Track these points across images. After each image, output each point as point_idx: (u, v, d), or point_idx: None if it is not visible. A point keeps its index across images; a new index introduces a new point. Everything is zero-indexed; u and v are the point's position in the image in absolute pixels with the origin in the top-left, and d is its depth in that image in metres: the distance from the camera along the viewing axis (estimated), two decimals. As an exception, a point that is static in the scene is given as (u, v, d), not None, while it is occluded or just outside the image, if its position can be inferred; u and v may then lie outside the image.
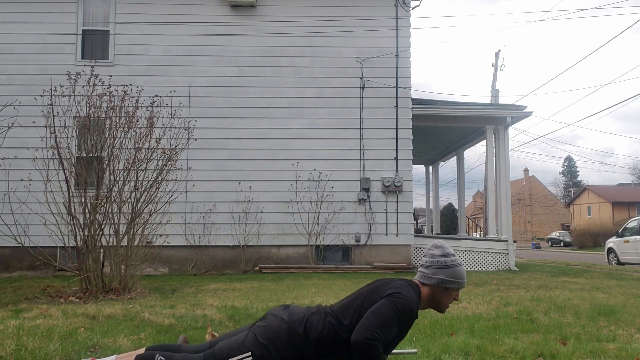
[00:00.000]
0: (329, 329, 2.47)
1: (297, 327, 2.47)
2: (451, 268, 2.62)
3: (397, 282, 2.57)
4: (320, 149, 11.06)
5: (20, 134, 9.02)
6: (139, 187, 7.07)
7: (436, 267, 2.62)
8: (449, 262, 2.63)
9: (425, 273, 2.65)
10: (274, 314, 2.58)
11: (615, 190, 59.20)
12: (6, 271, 10.13)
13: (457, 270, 2.62)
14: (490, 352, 3.50)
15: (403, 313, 2.43)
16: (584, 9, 52.98)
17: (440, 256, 2.64)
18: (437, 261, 2.63)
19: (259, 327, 2.52)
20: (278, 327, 2.47)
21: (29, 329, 4.10)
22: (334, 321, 2.49)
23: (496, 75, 22.89)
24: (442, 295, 2.64)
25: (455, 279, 2.61)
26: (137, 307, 5.36)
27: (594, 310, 5.28)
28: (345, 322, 2.47)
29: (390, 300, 2.43)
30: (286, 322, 2.49)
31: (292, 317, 2.51)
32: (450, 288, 2.63)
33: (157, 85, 9.98)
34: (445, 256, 2.64)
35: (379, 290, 2.53)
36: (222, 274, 10.38)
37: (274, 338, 2.44)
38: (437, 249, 2.68)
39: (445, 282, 2.61)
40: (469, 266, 11.64)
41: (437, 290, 2.63)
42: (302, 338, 2.45)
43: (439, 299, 2.65)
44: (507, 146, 12.65)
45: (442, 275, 2.60)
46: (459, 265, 2.65)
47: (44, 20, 11.02)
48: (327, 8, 11.36)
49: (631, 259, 16.09)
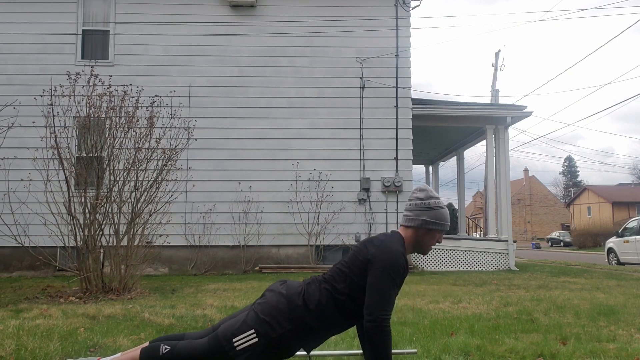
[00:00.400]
0: (326, 295, 2.53)
1: (296, 299, 2.52)
2: (434, 210, 2.63)
3: (379, 238, 2.60)
4: (320, 149, 11.06)
5: (20, 134, 9.02)
6: (139, 187, 7.07)
7: (419, 209, 2.64)
8: (432, 204, 2.64)
9: (409, 216, 2.67)
10: (272, 289, 2.63)
11: (615, 190, 59.20)
12: (6, 271, 10.13)
13: (440, 212, 2.64)
14: (490, 352, 3.50)
15: (396, 273, 2.47)
16: (584, 9, 53.02)
17: (423, 198, 2.66)
18: (420, 203, 2.65)
19: (259, 304, 2.56)
20: (277, 302, 2.52)
21: (29, 329, 4.10)
22: (329, 287, 2.55)
23: (496, 75, 22.90)
24: (425, 237, 2.66)
25: (438, 220, 2.63)
26: (137, 307, 5.36)
27: (594, 310, 5.28)
28: (339, 286, 2.53)
29: (379, 267, 2.45)
30: (285, 296, 2.54)
31: (290, 291, 2.57)
32: (434, 230, 2.64)
33: (157, 85, 9.98)
34: (429, 198, 2.66)
35: (363, 252, 2.55)
36: (222, 274, 10.38)
37: (275, 313, 2.49)
38: (420, 192, 2.70)
39: (428, 223, 2.62)
40: (469, 266, 11.64)
41: (420, 232, 2.65)
42: (302, 309, 2.50)
43: (422, 241, 2.67)
44: (507, 146, 12.65)
45: (425, 216, 2.62)
46: (442, 207, 2.67)
47: (44, 20, 11.02)
48: (327, 8, 11.36)
49: (631, 259, 16.09)
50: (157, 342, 2.64)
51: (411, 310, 5.26)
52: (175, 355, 2.51)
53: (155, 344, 2.60)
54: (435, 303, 5.82)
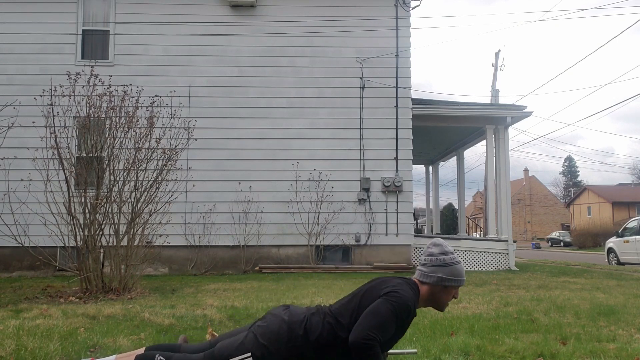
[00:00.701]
0: (328, 330, 2.47)
1: (297, 328, 2.47)
2: (450, 266, 2.60)
3: (395, 281, 2.56)
4: (320, 149, 11.06)
5: (20, 134, 9.02)
6: (139, 187, 7.07)
7: (435, 265, 2.61)
8: (448, 260, 2.61)
9: (424, 271, 2.63)
10: (274, 314, 2.58)
11: (615, 190, 59.20)
12: (6, 271, 10.13)
13: (455, 268, 2.61)
14: (490, 352, 3.50)
15: (400, 312, 2.42)
16: (584, 9, 53.01)
17: (438, 254, 2.63)
18: (435, 259, 2.62)
19: (259, 327, 2.52)
20: (278, 328, 2.47)
21: (29, 329, 4.11)
22: (332, 321, 2.49)
23: (496, 75, 22.90)
24: (442, 293, 2.62)
25: (454, 277, 2.60)
26: (137, 307, 5.36)
27: (594, 310, 5.28)
28: (344, 321, 2.47)
29: (387, 299, 2.42)
30: (286, 323, 2.49)
31: (293, 318, 2.51)
32: (450, 286, 2.61)
33: (157, 85, 9.98)
34: (444, 254, 2.62)
35: (376, 289, 2.52)
36: (222, 274, 10.38)
37: (274, 339, 2.44)
38: (435, 247, 2.66)
39: (444, 280, 2.59)
40: (469, 266, 11.64)
41: (436, 289, 2.61)
42: (302, 339, 2.45)
43: (439, 298, 2.64)
44: (507, 146, 12.65)
45: (440, 273, 2.59)
46: (458, 263, 2.63)
47: (44, 20, 11.01)
48: (327, 8, 11.36)
49: (631, 259, 16.09)
50: (153, 351, 2.62)
51: (411, 310, 5.25)
52: None
53: (151, 353, 2.57)
54: (435, 303, 5.81)
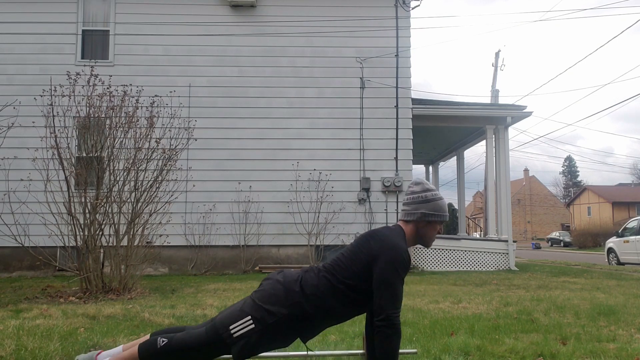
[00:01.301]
0: (325, 283, 2.53)
1: (293, 285, 2.53)
2: (432, 202, 2.64)
3: (381, 233, 2.60)
4: (320, 149, 11.06)
5: (20, 134, 9.02)
6: (139, 187, 7.07)
7: (417, 202, 2.65)
8: (430, 196, 2.65)
9: (407, 210, 2.67)
10: (269, 278, 2.64)
11: (615, 190, 59.21)
12: (6, 271, 10.13)
13: (438, 203, 2.65)
14: (490, 352, 3.50)
15: (401, 267, 2.49)
16: (584, 9, 53.04)
17: (420, 191, 2.67)
18: (417, 196, 2.66)
19: (256, 292, 2.58)
20: (274, 289, 2.53)
21: (29, 329, 4.10)
22: (328, 275, 2.55)
23: (496, 75, 22.90)
24: (426, 229, 2.67)
25: (436, 212, 2.64)
26: (137, 307, 5.36)
27: (594, 310, 5.27)
28: (339, 275, 2.53)
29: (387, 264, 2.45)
30: (282, 283, 2.55)
31: (287, 278, 2.58)
32: (433, 221, 2.65)
33: (157, 85, 9.98)
34: (426, 191, 2.67)
35: (367, 246, 2.55)
36: (222, 274, 10.38)
37: (272, 299, 2.49)
38: (417, 185, 2.71)
39: (427, 215, 2.63)
40: (469, 266, 11.64)
41: (420, 225, 2.66)
42: (299, 294, 2.50)
43: (424, 234, 2.68)
44: (507, 146, 12.65)
45: (423, 209, 2.63)
46: (440, 199, 2.68)
47: (44, 20, 11.02)
48: (327, 8, 11.36)
49: (631, 259, 16.09)
50: (156, 335, 2.63)
51: (411, 310, 5.26)
52: (172, 347, 2.50)
53: (153, 338, 2.59)
54: (435, 303, 5.83)
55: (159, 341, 2.52)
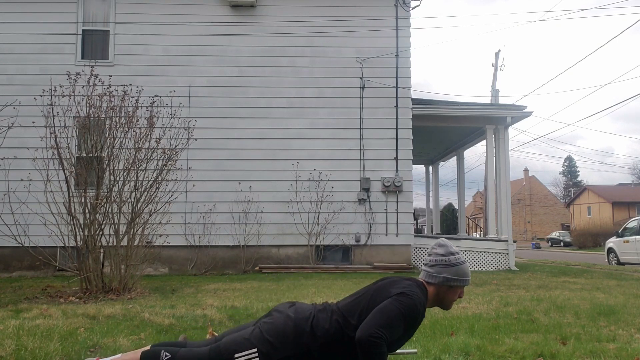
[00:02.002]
0: (336, 327, 2.46)
1: (304, 325, 2.46)
2: (455, 266, 2.62)
3: (405, 282, 2.56)
4: (320, 149, 11.06)
5: (20, 134, 9.02)
6: (139, 187, 7.07)
7: (440, 265, 2.62)
8: (453, 260, 2.63)
9: (430, 272, 2.64)
10: (280, 310, 2.57)
11: (615, 190, 59.20)
12: (6, 271, 10.13)
13: (461, 268, 2.62)
14: (490, 352, 3.50)
15: (409, 313, 2.42)
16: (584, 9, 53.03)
17: (443, 255, 2.64)
18: (441, 260, 2.63)
19: (265, 323, 2.51)
20: (284, 325, 2.47)
21: (29, 329, 4.10)
22: (340, 319, 2.48)
23: (496, 75, 22.89)
24: (447, 293, 2.64)
25: (459, 277, 2.61)
26: (137, 307, 5.36)
27: (594, 310, 5.27)
28: (353, 321, 2.46)
29: (397, 299, 2.42)
30: (292, 320, 2.48)
31: (299, 315, 2.51)
32: (455, 286, 2.63)
33: (157, 85, 9.98)
34: (449, 254, 2.64)
35: (386, 289, 2.52)
36: (222, 274, 10.38)
37: (280, 335, 2.44)
38: (440, 247, 2.68)
39: (449, 280, 2.60)
40: (469, 266, 11.63)
41: (442, 289, 2.63)
42: (308, 336, 2.44)
43: (444, 297, 2.65)
44: (507, 146, 12.65)
45: (446, 273, 2.60)
46: (463, 263, 2.64)
47: (44, 20, 11.01)
48: (327, 8, 11.36)
49: (631, 259, 16.09)
50: (159, 347, 2.62)
51: (411, 310, 5.25)
52: None
53: (156, 349, 2.57)
54: (435, 303, 5.81)
55: (162, 355, 2.50)
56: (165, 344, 2.75)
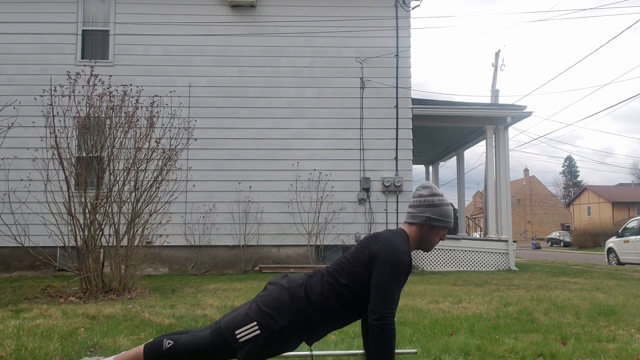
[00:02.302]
0: (328, 288, 2.53)
1: (298, 291, 2.53)
2: (438, 207, 2.63)
3: (383, 235, 2.60)
4: (320, 149, 11.06)
5: (20, 134, 9.02)
6: (139, 187, 7.07)
7: (424, 205, 2.64)
8: (436, 201, 2.64)
9: (413, 212, 2.67)
10: (273, 282, 2.64)
11: (615, 190, 59.20)
12: (6, 271, 10.13)
13: (444, 209, 2.64)
14: (490, 352, 3.50)
15: (401, 271, 2.48)
16: (584, 9, 53.03)
17: (427, 195, 2.66)
18: (424, 200, 2.65)
19: (261, 297, 2.58)
20: (279, 294, 2.53)
21: (29, 329, 4.10)
22: (331, 280, 2.55)
23: (496, 75, 22.87)
24: (429, 234, 2.66)
25: (442, 217, 2.63)
26: (137, 307, 5.36)
27: (594, 310, 5.27)
28: (342, 280, 2.53)
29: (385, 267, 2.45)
30: (287, 289, 2.55)
31: (292, 283, 2.58)
32: (437, 226, 2.64)
33: (157, 85, 9.98)
34: (433, 195, 2.66)
35: (367, 246, 2.56)
36: (222, 274, 10.38)
37: (277, 305, 2.50)
38: (424, 189, 2.70)
39: (432, 220, 2.62)
40: (469, 266, 11.64)
41: (424, 229, 2.65)
42: (304, 300, 2.50)
43: (426, 238, 2.67)
44: (507, 146, 12.65)
45: (429, 213, 2.62)
46: (446, 205, 2.67)
47: (44, 20, 11.01)
48: (327, 8, 11.36)
49: (631, 259, 16.08)
50: (162, 336, 2.65)
51: (411, 310, 5.26)
52: (178, 349, 2.52)
53: (159, 339, 2.61)
54: (435, 303, 5.82)
55: (164, 343, 2.54)
56: (169, 333, 2.78)
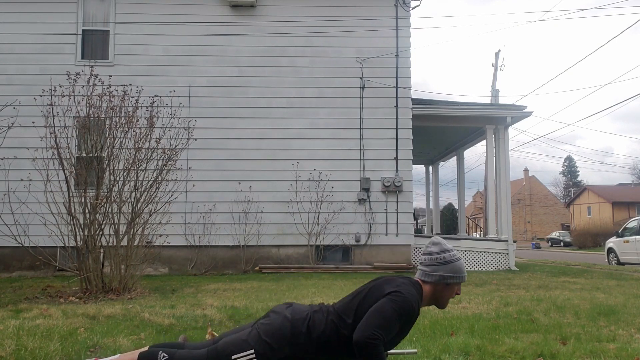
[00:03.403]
0: (331, 328, 2.48)
1: (300, 326, 2.48)
2: (450, 264, 2.62)
3: (399, 281, 2.58)
4: (320, 149, 11.06)
5: (20, 134, 9.02)
6: (139, 187, 7.07)
7: (435, 264, 2.63)
8: (448, 257, 2.63)
9: (425, 271, 2.65)
10: (277, 311, 2.59)
11: (615, 190, 59.19)
12: (6, 271, 10.13)
13: (456, 265, 2.63)
14: (490, 352, 3.50)
15: (404, 312, 2.44)
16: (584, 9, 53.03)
17: (438, 252, 2.65)
18: (435, 258, 2.64)
19: (262, 324, 2.53)
20: (281, 325, 2.49)
21: (29, 329, 4.10)
22: (336, 320, 2.50)
23: (496, 75, 22.87)
24: (444, 291, 2.65)
25: (455, 273, 2.62)
26: (137, 307, 5.36)
27: (594, 310, 5.27)
28: (348, 320, 2.48)
29: (391, 298, 2.43)
30: (289, 320, 2.50)
31: (295, 316, 2.53)
32: (452, 283, 2.63)
33: (157, 85, 9.97)
34: (444, 252, 2.65)
35: (380, 288, 2.53)
36: (222, 274, 10.38)
37: (277, 336, 2.46)
38: (434, 245, 2.69)
39: (445, 278, 2.61)
40: (469, 266, 11.64)
41: (438, 287, 2.63)
42: (304, 336, 2.46)
43: (441, 295, 2.66)
44: (507, 146, 12.65)
45: (442, 271, 2.61)
46: (458, 259, 2.65)
47: (44, 20, 11.01)
48: (327, 8, 11.36)
49: (631, 259, 16.08)
50: (157, 348, 2.63)
51: (411, 310, 5.25)
52: None
53: (154, 350, 2.58)
54: (435, 303, 5.81)
55: (159, 355, 2.52)
56: (164, 345, 2.76)
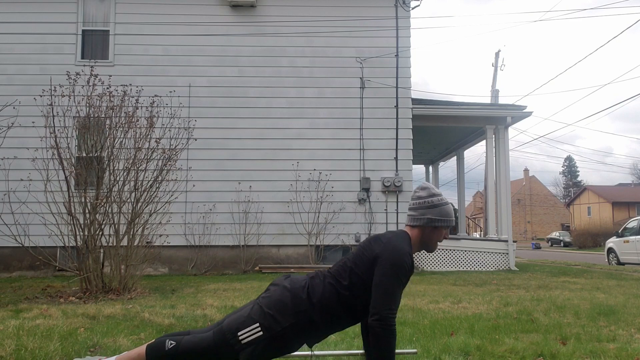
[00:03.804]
0: (330, 290, 2.54)
1: (300, 293, 2.53)
2: (438, 207, 2.65)
3: (386, 237, 2.61)
4: (320, 149, 11.06)
5: (20, 134, 9.02)
6: (139, 187, 7.07)
7: (424, 207, 2.65)
8: (436, 201, 2.66)
9: (414, 215, 2.68)
10: (276, 284, 2.64)
11: (615, 190, 59.18)
12: (6, 271, 10.13)
13: (444, 208, 2.66)
14: (490, 352, 3.50)
15: (402, 272, 2.49)
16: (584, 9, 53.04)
17: (426, 197, 2.67)
18: (424, 202, 2.66)
19: (263, 298, 2.58)
20: (281, 296, 2.53)
21: (29, 329, 4.10)
22: (333, 281, 2.56)
23: (496, 75, 22.88)
24: (432, 234, 2.67)
25: (443, 217, 2.65)
26: (137, 307, 5.36)
27: (594, 310, 5.27)
28: (344, 282, 2.54)
29: (387, 267, 2.46)
30: (289, 290, 2.55)
31: (294, 285, 2.58)
32: (439, 227, 2.66)
33: (157, 85, 9.97)
34: (432, 196, 2.67)
35: (369, 248, 2.57)
36: (222, 274, 10.38)
37: (279, 306, 2.50)
38: (423, 190, 2.71)
39: (433, 221, 2.64)
40: (469, 266, 11.64)
41: (426, 230, 2.66)
42: (306, 303, 2.51)
43: (429, 239, 2.68)
44: (507, 146, 12.65)
45: (429, 214, 2.64)
46: (446, 204, 2.68)
47: (44, 20, 11.01)
48: (327, 8, 11.36)
49: (631, 259, 16.08)
50: (164, 337, 2.65)
51: (411, 310, 5.26)
52: (180, 350, 2.52)
53: (161, 339, 2.61)
54: (435, 303, 5.82)
55: (167, 343, 2.54)
56: (171, 334, 2.78)
